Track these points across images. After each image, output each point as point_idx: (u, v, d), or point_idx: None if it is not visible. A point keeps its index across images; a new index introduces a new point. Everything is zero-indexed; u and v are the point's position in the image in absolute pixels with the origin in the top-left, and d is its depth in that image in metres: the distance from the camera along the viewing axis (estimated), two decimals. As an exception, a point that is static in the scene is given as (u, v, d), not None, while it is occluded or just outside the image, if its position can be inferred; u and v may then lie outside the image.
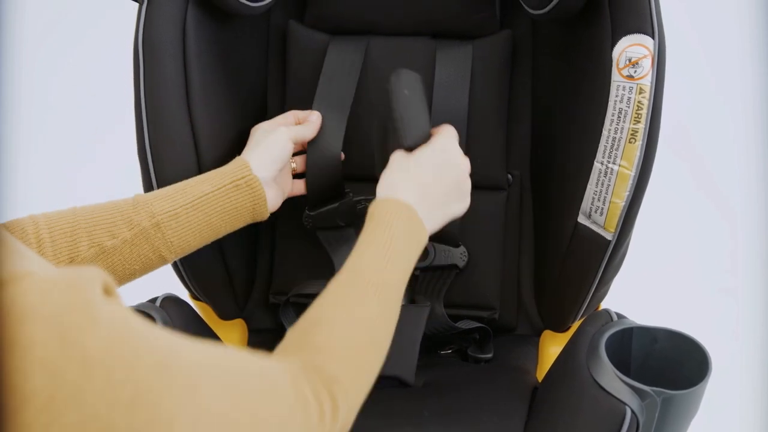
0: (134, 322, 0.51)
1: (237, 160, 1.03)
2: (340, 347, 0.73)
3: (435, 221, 0.95)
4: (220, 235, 1.01)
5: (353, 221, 1.20)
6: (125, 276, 0.94)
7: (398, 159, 0.96)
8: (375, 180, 0.96)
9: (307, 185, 1.16)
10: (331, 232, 1.21)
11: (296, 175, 1.16)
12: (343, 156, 1.18)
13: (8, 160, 0.50)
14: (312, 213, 1.18)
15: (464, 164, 1.00)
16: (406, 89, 0.99)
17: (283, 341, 0.75)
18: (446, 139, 0.99)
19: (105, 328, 0.47)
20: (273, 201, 1.06)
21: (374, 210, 0.90)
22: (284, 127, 1.09)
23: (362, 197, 1.20)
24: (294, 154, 1.13)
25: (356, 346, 0.75)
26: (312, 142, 1.15)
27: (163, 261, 0.96)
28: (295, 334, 0.76)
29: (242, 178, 1.00)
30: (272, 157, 1.05)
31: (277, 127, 1.09)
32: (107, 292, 0.51)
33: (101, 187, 2.21)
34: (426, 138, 0.98)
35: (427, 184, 0.94)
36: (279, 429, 0.62)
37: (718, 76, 2.36)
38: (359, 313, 0.78)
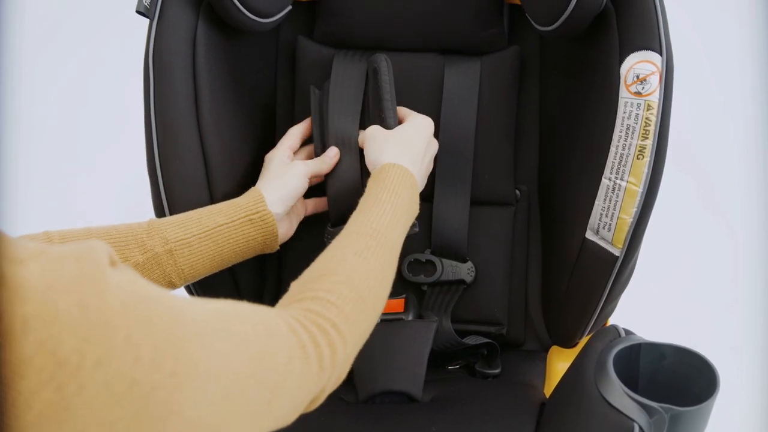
0: (143, 288, 0.54)
1: (253, 192, 1.05)
2: (341, 296, 0.76)
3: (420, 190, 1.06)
4: (228, 265, 1.03)
5: None
6: None
7: (384, 133, 1.09)
8: None
9: (329, 203, 1.16)
10: None
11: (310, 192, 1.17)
12: None
13: (8, 166, 0.51)
14: (333, 229, 1.18)
15: (437, 144, 1.15)
16: (391, 75, 1.15)
17: (288, 292, 0.79)
18: (424, 118, 1.12)
19: (118, 294, 0.50)
20: (284, 234, 1.09)
21: (383, 172, 0.99)
22: (302, 164, 1.11)
23: None
24: None
25: (356, 296, 0.78)
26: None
27: (171, 287, 0.98)
28: (298, 284, 0.80)
29: (257, 213, 1.02)
30: (288, 193, 1.07)
31: (293, 161, 1.13)
32: (112, 263, 0.53)
33: (102, 198, 2.23)
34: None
35: (419, 157, 1.06)
36: (281, 377, 0.65)
37: (720, 84, 2.35)
38: (361, 265, 0.82)
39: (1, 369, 0.44)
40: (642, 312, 1.62)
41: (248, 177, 1.15)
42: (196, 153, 1.08)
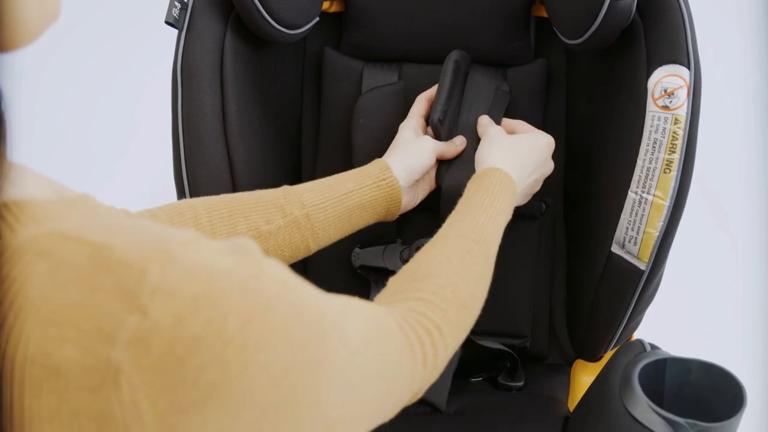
0: (292, 277, 0.55)
1: (379, 162, 1.07)
2: (446, 300, 0.77)
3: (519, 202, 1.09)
4: (355, 230, 1.05)
5: (396, 268, 1.21)
6: None
7: (500, 134, 1.11)
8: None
9: (443, 195, 1.16)
10: (373, 272, 1.23)
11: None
12: None
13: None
14: (361, 251, 1.21)
15: (552, 165, 1.14)
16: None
17: (388, 287, 0.80)
18: (545, 137, 1.12)
19: (274, 281, 0.51)
20: (407, 204, 1.10)
21: (486, 177, 1.00)
22: (430, 140, 1.13)
23: (405, 246, 1.21)
24: None
25: (460, 301, 0.79)
26: None
27: (307, 251, 1.00)
28: (401, 282, 0.80)
29: (384, 179, 1.05)
30: (413, 165, 1.09)
31: (421, 136, 1.14)
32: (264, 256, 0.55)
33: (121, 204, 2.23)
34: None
35: (526, 170, 1.06)
36: (394, 373, 0.66)
37: (727, 96, 2.33)
38: (466, 270, 0.83)
39: (175, 345, 0.44)
40: (667, 326, 1.61)
41: (274, 185, 1.16)
42: (223, 161, 1.09)
